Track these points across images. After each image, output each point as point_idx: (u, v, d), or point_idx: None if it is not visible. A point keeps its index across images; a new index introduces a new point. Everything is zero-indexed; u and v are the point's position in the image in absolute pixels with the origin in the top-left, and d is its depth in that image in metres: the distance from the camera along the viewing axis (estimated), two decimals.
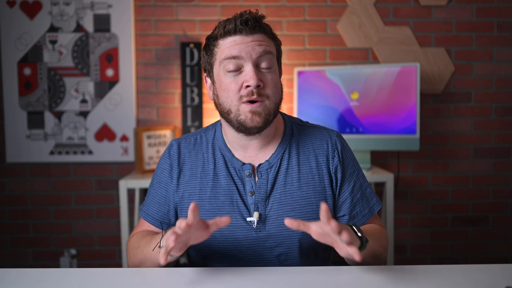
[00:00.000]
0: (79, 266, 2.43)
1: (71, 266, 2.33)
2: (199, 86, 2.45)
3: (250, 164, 1.05)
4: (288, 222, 0.83)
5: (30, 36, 2.44)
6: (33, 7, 2.43)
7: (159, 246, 0.95)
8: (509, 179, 2.54)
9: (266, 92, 0.99)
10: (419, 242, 2.56)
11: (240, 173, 1.05)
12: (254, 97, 0.98)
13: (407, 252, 2.56)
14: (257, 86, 0.97)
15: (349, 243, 0.81)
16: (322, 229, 0.83)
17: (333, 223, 0.79)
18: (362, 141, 2.25)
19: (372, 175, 2.13)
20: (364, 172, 2.19)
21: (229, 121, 1.02)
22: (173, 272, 0.95)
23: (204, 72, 1.09)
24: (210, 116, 2.47)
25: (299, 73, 2.33)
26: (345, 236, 0.80)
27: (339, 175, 1.07)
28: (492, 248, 2.56)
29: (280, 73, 1.11)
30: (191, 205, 0.82)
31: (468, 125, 2.52)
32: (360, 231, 0.92)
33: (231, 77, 0.99)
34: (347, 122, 2.27)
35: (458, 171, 2.54)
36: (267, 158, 1.06)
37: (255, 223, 1.01)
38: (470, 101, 2.52)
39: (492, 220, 2.56)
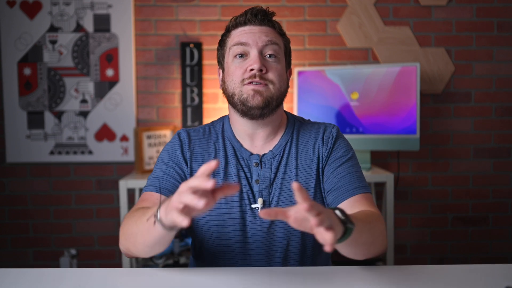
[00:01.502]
0: (79, 266, 2.43)
1: (71, 266, 2.33)
2: (199, 86, 2.45)
3: (257, 154, 1.10)
4: (264, 213, 0.72)
5: (30, 36, 2.44)
6: (33, 7, 2.43)
7: (154, 215, 0.82)
8: (509, 179, 2.54)
9: (270, 77, 1.04)
10: (419, 242, 2.56)
11: (248, 163, 1.10)
12: (256, 79, 1.03)
13: (407, 252, 2.56)
14: (260, 71, 1.03)
15: (326, 228, 0.70)
16: (300, 213, 0.72)
17: (306, 204, 0.68)
18: (362, 141, 2.25)
19: (372, 175, 2.13)
20: (364, 172, 2.19)
21: (234, 105, 1.08)
22: (173, 272, 0.95)
23: (218, 65, 1.15)
24: (210, 116, 2.47)
25: (299, 73, 2.33)
26: (315, 219, 0.69)
27: (329, 158, 1.10)
28: (492, 248, 2.56)
29: (290, 72, 1.15)
30: (214, 163, 0.71)
31: (468, 125, 2.52)
32: (344, 214, 0.82)
33: (237, 62, 1.06)
34: (347, 122, 2.27)
35: (458, 171, 2.54)
36: (271, 149, 1.11)
37: (259, 210, 1.05)
38: (470, 101, 2.52)
39: (492, 220, 2.56)
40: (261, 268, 0.95)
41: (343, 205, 1.04)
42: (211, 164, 0.70)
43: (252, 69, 1.03)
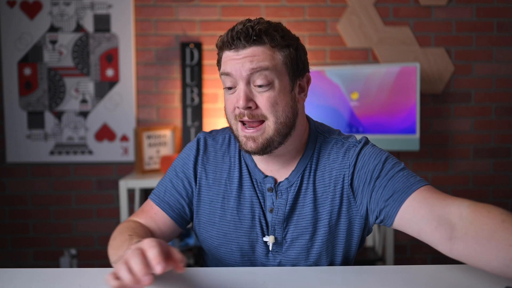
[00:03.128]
0: (79, 266, 2.43)
1: (71, 266, 2.33)
2: (199, 86, 2.45)
3: (272, 177, 0.98)
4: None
5: (30, 36, 2.44)
6: (33, 7, 2.43)
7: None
8: (509, 179, 2.54)
9: (263, 113, 0.90)
10: (419, 242, 2.55)
11: (261, 186, 0.98)
12: (245, 118, 0.90)
13: (407, 252, 2.56)
14: (249, 107, 0.89)
15: None
16: None
17: None
18: None
19: None
20: None
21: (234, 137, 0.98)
22: (173, 272, 0.95)
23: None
24: (210, 116, 2.47)
25: None
26: None
27: (355, 189, 0.95)
28: None
29: (307, 79, 0.98)
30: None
31: (468, 125, 2.52)
32: None
33: (228, 94, 0.94)
34: (347, 122, 2.27)
35: (458, 171, 2.54)
36: (287, 175, 0.98)
37: (271, 246, 0.97)
38: (470, 101, 2.52)
39: None
40: (262, 268, 0.95)
41: (401, 212, 0.88)
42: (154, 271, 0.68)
43: (238, 107, 0.90)
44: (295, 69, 0.93)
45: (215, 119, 2.46)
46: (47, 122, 2.47)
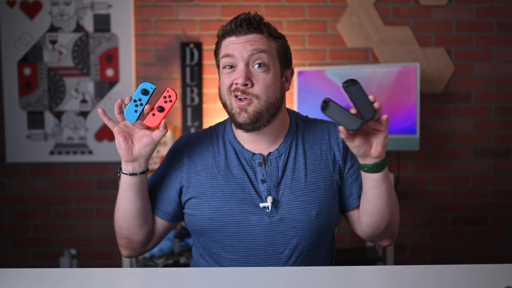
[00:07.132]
0: (79, 266, 2.43)
1: (71, 266, 2.33)
2: (199, 86, 2.45)
3: (260, 154, 1.10)
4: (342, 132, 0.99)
5: (30, 36, 2.44)
6: (33, 7, 2.43)
7: (117, 172, 1.12)
8: (509, 179, 2.54)
9: (255, 92, 1.03)
10: (419, 242, 2.56)
11: (251, 163, 1.09)
12: (239, 93, 1.03)
13: (407, 252, 2.56)
14: (246, 85, 1.02)
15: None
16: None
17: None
18: None
19: None
20: None
21: (228, 115, 1.09)
22: (173, 272, 0.95)
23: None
24: (210, 116, 2.47)
25: (299, 73, 2.34)
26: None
27: (345, 160, 1.13)
28: (491, 248, 2.56)
29: (291, 72, 1.15)
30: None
31: (468, 125, 2.52)
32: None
33: (226, 72, 1.06)
34: None
35: (458, 171, 2.54)
36: (276, 148, 1.11)
37: (269, 208, 1.05)
38: (470, 101, 2.52)
39: (491, 220, 2.56)
40: (261, 268, 0.95)
41: (357, 210, 1.16)
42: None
43: (236, 83, 1.03)
44: (284, 59, 1.10)
45: (215, 119, 2.46)
46: (47, 122, 2.47)
